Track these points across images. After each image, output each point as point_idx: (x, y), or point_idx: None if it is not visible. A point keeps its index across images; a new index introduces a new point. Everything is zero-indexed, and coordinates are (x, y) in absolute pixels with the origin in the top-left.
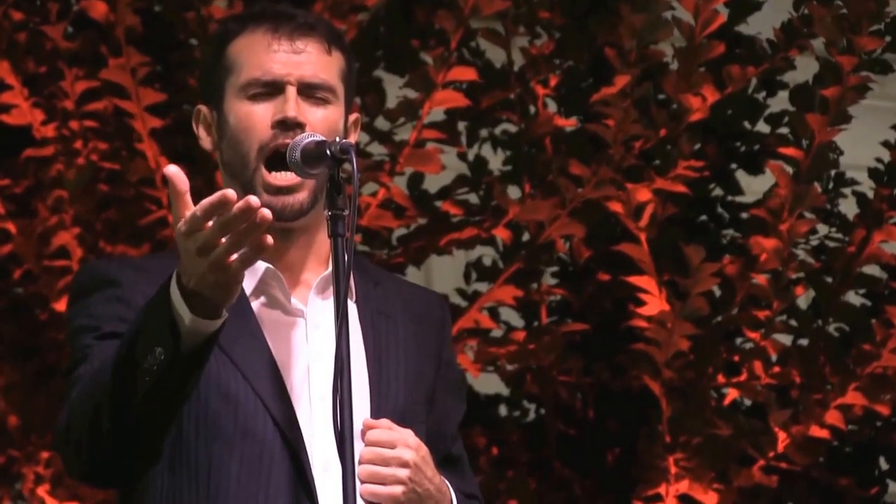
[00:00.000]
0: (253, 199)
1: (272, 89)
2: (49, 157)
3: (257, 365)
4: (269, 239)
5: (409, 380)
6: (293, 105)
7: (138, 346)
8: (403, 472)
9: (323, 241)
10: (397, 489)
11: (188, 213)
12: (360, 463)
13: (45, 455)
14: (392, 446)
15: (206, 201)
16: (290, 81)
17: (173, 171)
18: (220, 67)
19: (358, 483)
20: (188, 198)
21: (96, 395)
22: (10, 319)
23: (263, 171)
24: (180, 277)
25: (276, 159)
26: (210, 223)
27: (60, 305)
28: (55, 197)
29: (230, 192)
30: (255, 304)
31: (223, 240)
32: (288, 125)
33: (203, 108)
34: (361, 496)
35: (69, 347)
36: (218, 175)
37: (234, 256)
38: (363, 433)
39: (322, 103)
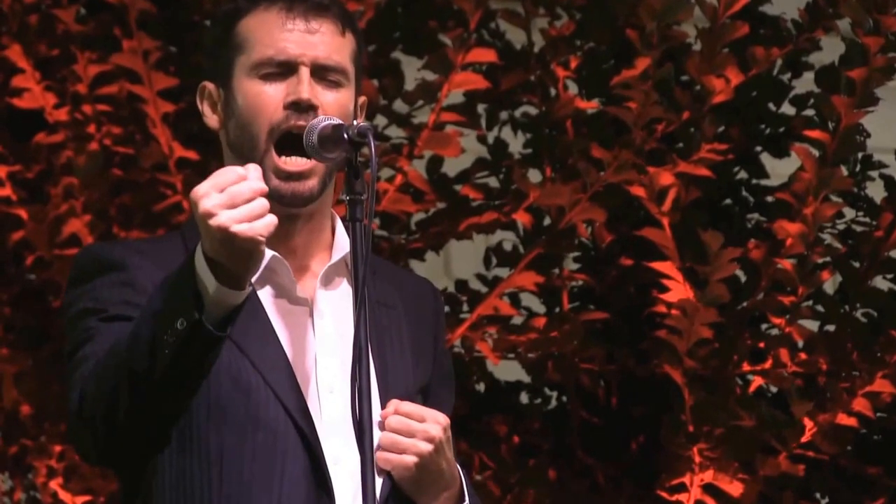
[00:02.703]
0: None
1: (285, 69)
2: (61, 143)
3: (267, 354)
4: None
5: (412, 370)
6: (307, 87)
7: (160, 318)
8: (425, 447)
9: (327, 227)
10: (411, 459)
11: (214, 174)
12: (386, 430)
13: (57, 448)
14: (422, 420)
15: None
16: (304, 62)
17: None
18: (229, 45)
19: (378, 476)
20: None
21: (112, 372)
22: (22, 306)
23: (274, 154)
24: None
25: (287, 142)
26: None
27: None
28: (66, 184)
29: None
30: (262, 293)
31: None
32: (301, 107)
33: (209, 85)
34: (376, 460)
35: (69, 331)
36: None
37: (239, 226)
38: (382, 421)
39: (334, 86)
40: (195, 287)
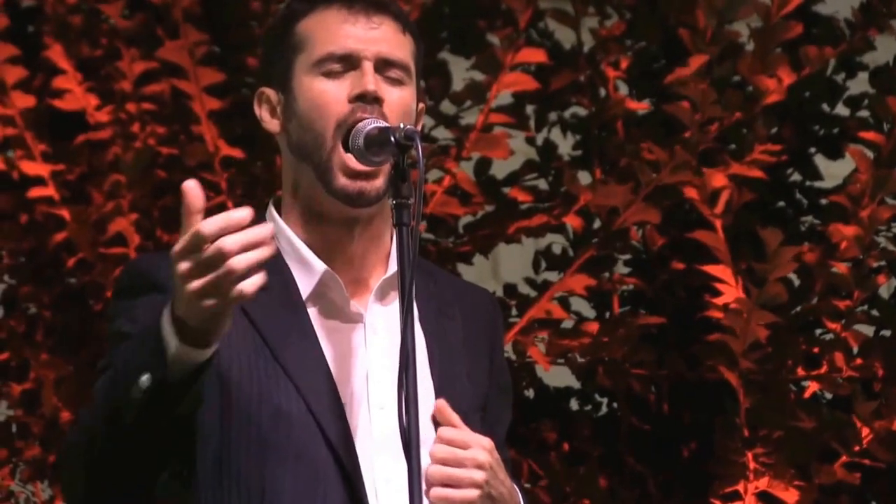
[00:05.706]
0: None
1: (347, 65)
2: (105, 141)
3: (313, 378)
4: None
5: (471, 384)
6: (371, 78)
7: (129, 370)
8: (479, 475)
9: (384, 236)
10: (472, 493)
11: (190, 232)
12: (432, 461)
13: None
14: (465, 446)
15: (214, 223)
16: (367, 56)
17: (190, 185)
18: (288, 46)
19: (423, 483)
20: (199, 217)
21: (92, 417)
22: (62, 310)
23: (342, 151)
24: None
25: None
26: (210, 248)
27: None
28: (112, 182)
29: (246, 215)
30: (312, 310)
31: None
32: (367, 99)
33: (267, 90)
34: (431, 499)
35: (108, 346)
36: (278, 159)
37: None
38: (433, 418)
39: (397, 83)
40: (160, 344)
